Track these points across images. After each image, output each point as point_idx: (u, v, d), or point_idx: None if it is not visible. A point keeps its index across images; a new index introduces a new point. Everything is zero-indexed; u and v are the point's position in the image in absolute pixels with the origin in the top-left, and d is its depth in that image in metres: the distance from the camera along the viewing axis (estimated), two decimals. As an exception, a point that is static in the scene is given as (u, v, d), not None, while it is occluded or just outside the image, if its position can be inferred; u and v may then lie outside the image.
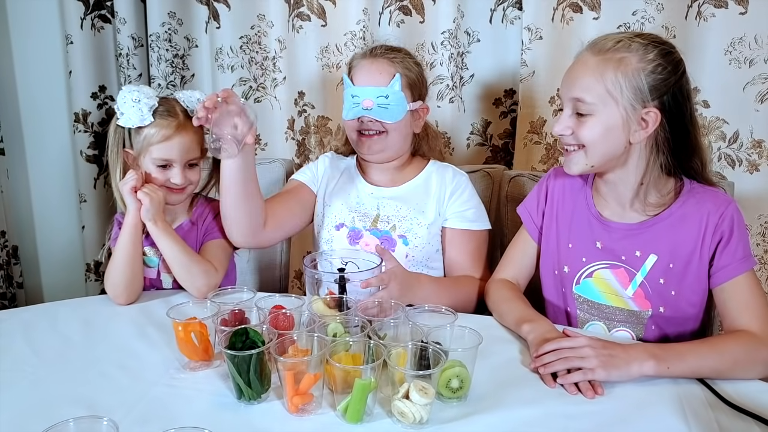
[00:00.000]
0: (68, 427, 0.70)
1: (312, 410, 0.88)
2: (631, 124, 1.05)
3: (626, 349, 0.98)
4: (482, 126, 1.88)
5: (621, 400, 0.92)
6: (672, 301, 1.12)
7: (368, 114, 1.34)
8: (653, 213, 1.12)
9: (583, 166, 1.11)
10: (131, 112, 1.25)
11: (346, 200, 1.44)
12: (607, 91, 1.04)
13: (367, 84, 1.35)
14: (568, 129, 1.09)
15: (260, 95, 2.03)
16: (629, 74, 1.03)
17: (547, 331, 1.06)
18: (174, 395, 0.92)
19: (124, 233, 1.27)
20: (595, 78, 1.05)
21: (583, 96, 1.06)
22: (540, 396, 0.94)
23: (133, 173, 1.27)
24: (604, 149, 1.08)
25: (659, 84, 1.03)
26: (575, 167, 1.13)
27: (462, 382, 0.90)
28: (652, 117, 1.04)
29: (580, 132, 1.08)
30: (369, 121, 1.35)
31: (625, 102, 1.04)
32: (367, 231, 1.39)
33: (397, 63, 1.37)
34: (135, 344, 1.09)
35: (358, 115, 1.35)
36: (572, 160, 1.12)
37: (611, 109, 1.05)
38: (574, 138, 1.10)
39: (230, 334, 0.91)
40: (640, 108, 1.04)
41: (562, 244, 1.23)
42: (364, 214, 1.41)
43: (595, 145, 1.08)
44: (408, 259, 1.37)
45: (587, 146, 1.09)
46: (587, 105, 1.06)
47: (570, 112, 1.10)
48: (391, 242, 1.38)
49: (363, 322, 0.99)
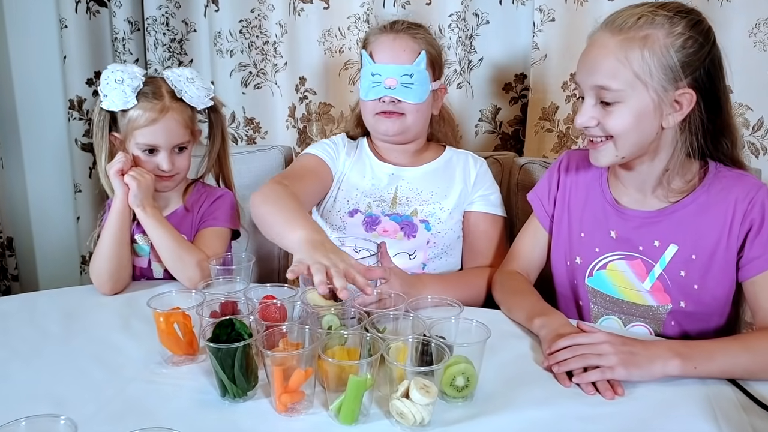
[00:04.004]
0: (19, 427, 0.62)
1: (302, 410, 0.81)
2: (663, 107, 0.96)
3: (648, 346, 0.89)
4: (491, 112, 1.80)
5: (643, 401, 0.84)
6: (694, 295, 1.03)
7: (391, 94, 1.26)
8: (675, 199, 1.04)
9: (613, 158, 1.02)
10: (114, 93, 1.18)
11: (361, 184, 1.35)
12: (634, 74, 0.94)
13: (391, 61, 1.27)
14: (593, 120, 1.00)
15: (260, 81, 1.96)
16: (657, 53, 0.93)
17: (561, 326, 0.98)
18: (152, 392, 0.85)
19: (110, 219, 1.20)
20: (620, 62, 0.95)
21: (608, 83, 0.96)
22: (553, 396, 0.85)
23: (121, 155, 1.20)
24: (635, 138, 0.99)
25: (691, 59, 0.94)
26: (604, 159, 1.03)
27: (468, 380, 0.82)
28: (686, 98, 0.95)
29: (607, 122, 0.99)
30: (391, 101, 1.27)
31: (656, 84, 0.94)
32: (385, 216, 1.31)
33: (420, 39, 1.29)
34: (116, 337, 1.02)
35: (380, 95, 1.27)
36: (600, 152, 1.02)
37: (641, 94, 0.95)
38: (601, 129, 1.00)
39: (214, 326, 0.84)
40: (672, 89, 0.95)
41: (574, 234, 1.15)
42: (380, 198, 1.33)
43: (625, 136, 0.98)
44: (429, 246, 1.30)
45: (617, 137, 0.99)
46: (613, 93, 0.96)
47: (593, 101, 1.00)
48: (413, 227, 1.30)
49: (360, 315, 0.91)
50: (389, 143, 1.36)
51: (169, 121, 1.22)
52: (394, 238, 1.29)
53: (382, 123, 1.30)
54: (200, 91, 1.25)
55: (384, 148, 1.39)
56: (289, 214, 1.06)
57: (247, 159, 1.64)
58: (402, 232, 1.29)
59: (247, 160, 1.64)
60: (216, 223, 1.31)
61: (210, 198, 1.34)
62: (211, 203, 1.33)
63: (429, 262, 1.31)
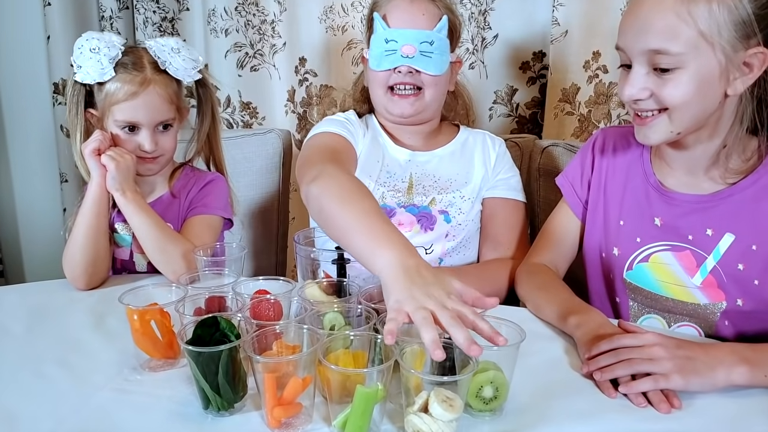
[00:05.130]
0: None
1: (299, 425, 0.67)
2: (730, 71, 0.82)
3: (708, 350, 0.76)
4: (507, 94, 1.66)
5: (704, 416, 0.71)
6: (754, 291, 0.90)
7: (409, 63, 1.12)
8: (732, 181, 0.90)
9: (667, 135, 0.88)
10: (89, 64, 1.05)
11: (373, 171, 1.20)
12: (699, 33, 0.80)
13: (408, 26, 1.13)
14: (645, 91, 0.86)
15: (257, 63, 1.82)
16: (728, 4, 0.79)
17: (600, 326, 0.85)
18: (122, 403, 0.72)
19: (85, 204, 1.07)
20: (681, 19, 0.81)
21: (667, 46, 0.82)
22: (596, 409, 0.72)
23: (98, 134, 1.07)
24: (695, 110, 0.85)
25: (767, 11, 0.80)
26: (655, 136, 0.89)
27: (497, 391, 0.69)
28: (758, 58, 0.81)
29: (663, 93, 0.84)
30: (408, 72, 1.13)
31: (725, 43, 0.80)
32: (401, 207, 1.17)
33: (440, 2, 1.15)
34: (87, 338, 0.89)
35: (397, 63, 1.13)
36: (652, 128, 0.88)
37: (706, 56, 0.81)
38: (655, 101, 0.86)
39: (195, 325, 0.71)
40: (742, 49, 0.81)
41: (611, 222, 1.01)
42: (394, 188, 1.19)
43: (685, 107, 0.85)
44: (448, 239, 1.17)
45: (673, 109, 0.85)
46: (673, 57, 0.82)
47: (645, 69, 0.86)
48: (431, 219, 1.17)
49: (368, 312, 0.78)
50: (403, 124, 1.23)
51: (152, 95, 1.08)
52: (410, 231, 1.16)
53: (397, 104, 1.17)
54: (186, 62, 1.12)
55: (395, 130, 1.25)
56: (372, 223, 0.82)
57: (242, 144, 1.51)
58: (419, 224, 1.16)
59: (242, 145, 1.51)
60: (206, 210, 1.18)
61: (199, 183, 1.21)
62: (200, 189, 1.20)
63: (446, 257, 1.17)
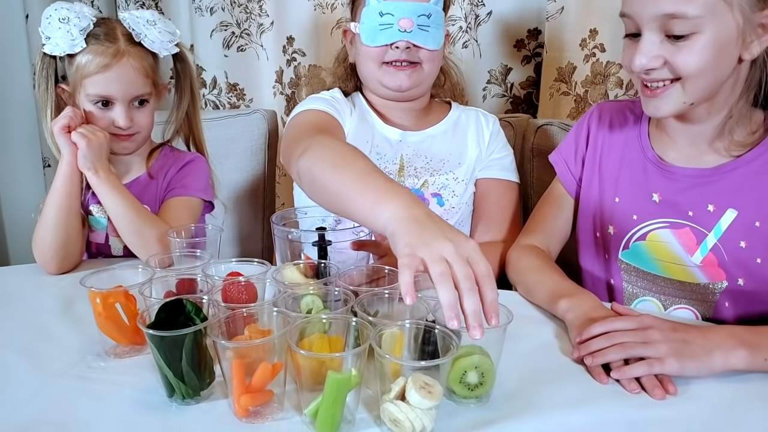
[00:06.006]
0: None
1: (269, 414, 0.63)
2: (746, 35, 0.77)
3: (705, 333, 0.72)
4: (501, 73, 1.61)
5: (702, 402, 0.67)
6: (757, 270, 0.85)
7: (407, 38, 1.06)
8: (737, 153, 0.85)
9: (680, 106, 0.83)
10: (58, 35, 1.00)
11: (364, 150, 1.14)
12: None
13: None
14: (659, 59, 0.80)
15: (244, 43, 1.77)
16: None
17: (593, 309, 0.80)
18: (82, 391, 0.68)
19: (55, 185, 1.02)
20: None
21: (683, 9, 0.76)
22: (588, 396, 0.68)
23: (69, 110, 1.02)
24: (710, 77, 0.80)
25: None
26: (666, 108, 0.83)
27: (483, 377, 0.64)
28: None
29: (678, 61, 0.79)
30: (407, 47, 1.08)
31: (744, 3, 0.75)
32: None
33: None
34: (53, 324, 0.84)
35: (394, 39, 1.07)
36: (663, 99, 0.83)
37: (723, 19, 0.76)
38: (669, 70, 0.81)
39: (158, 308, 0.66)
40: (758, 9, 0.76)
41: (606, 199, 0.97)
42: (384, 169, 1.13)
43: (701, 75, 0.79)
44: None
45: (688, 78, 0.80)
46: (689, 21, 0.76)
47: (657, 37, 0.80)
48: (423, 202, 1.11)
49: (346, 295, 0.73)
50: (395, 100, 1.17)
51: (125, 67, 1.03)
52: None
53: (393, 76, 1.10)
54: (163, 35, 1.06)
55: (385, 108, 1.19)
56: (370, 181, 0.75)
57: (226, 125, 1.46)
58: None
59: (226, 125, 1.45)
60: (185, 192, 1.13)
61: (178, 163, 1.16)
62: (179, 169, 1.15)
63: None
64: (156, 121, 1.15)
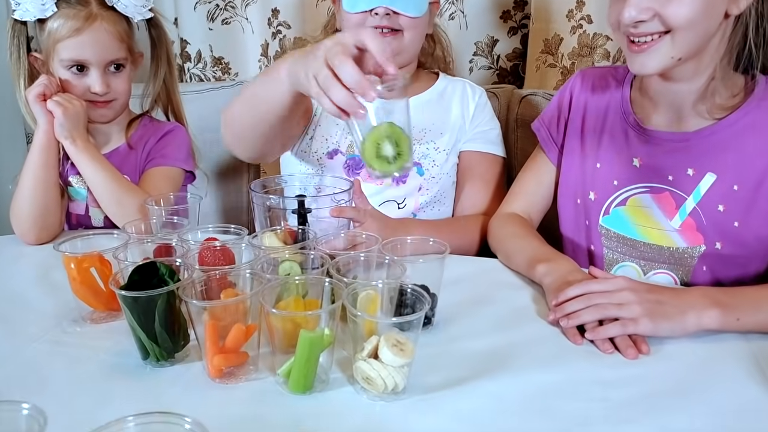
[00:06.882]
0: None
1: (242, 375, 0.63)
2: None
3: (679, 294, 0.72)
4: (488, 45, 1.59)
5: (674, 361, 0.67)
6: (734, 234, 0.85)
7: (387, 4, 1.04)
8: (717, 116, 0.85)
9: (668, 61, 0.81)
10: (28, 0, 0.97)
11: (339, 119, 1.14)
12: None
13: None
14: (649, 11, 0.78)
15: (228, 16, 1.74)
16: None
17: (570, 272, 0.81)
18: (56, 355, 0.68)
19: (31, 155, 1.01)
20: None
21: None
22: (563, 356, 0.68)
23: (43, 78, 1.00)
24: (700, 30, 0.79)
25: None
26: (653, 63, 0.81)
27: (398, 146, 0.67)
28: None
29: (668, 11, 0.77)
30: (386, 14, 1.05)
31: None
32: None
33: None
34: (29, 292, 0.84)
35: (373, 5, 1.04)
36: (651, 54, 0.81)
37: None
38: (660, 22, 0.79)
39: (132, 271, 0.66)
40: None
41: (587, 165, 0.96)
42: None
43: (691, 27, 0.78)
44: (421, 193, 1.11)
45: (677, 30, 0.78)
46: None
47: None
48: None
49: (323, 259, 0.73)
50: None
51: (99, 31, 1.02)
52: (380, 184, 1.10)
53: None
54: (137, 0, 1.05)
55: None
56: (264, 76, 0.90)
57: (209, 97, 1.44)
58: None
59: (209, 98, 1.44)
60: (165, 161, 1.12)
61: (158, 133, 1.15)
62: (158, 139, 1.14)
63: (420, 212, 1.12)
64: (133, 94, 1.13)
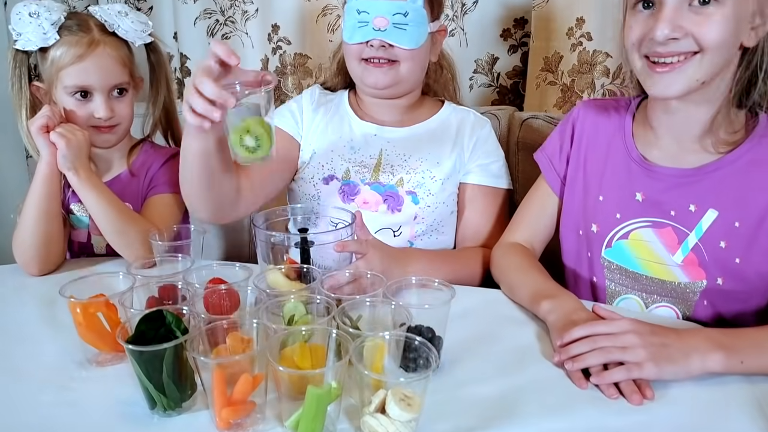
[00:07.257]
0: None
1: (250, 426, 0.63)
2: (756, 16, 0.77)
3: (683, 336, 0.73)
4: (488, 63, 1.59)
5: (678, 406, 0.68)
6: (735, 270, 0.86)
7: (381, 36, 1.05)
8: (721, 151, 0.85)
9: (692, 83, 0.79)
10: (29, 29, 0.98)
11: (338, 145, 1.15)
12: None
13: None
14: (682, 30, 0.77)
15: (228, 31, 1.74)
16: None
17: (574, 311, 0.81)
18: (64, 404, 0.67)
19: (34, 185, 1.01)
20: None
21: None
22: (570, 403, 0.69)
23: (46, 109, 1.00)
24: (725, 54, 0.78)
25: None
26: (679, 85, 0.80)
27: (258, 140, 0.79)
28: None
29: (701, 31, 0.76)
30: (381, 46, 1.07)
31: None
32: (366, 185, 1.12)
33: None
34: (33, 329, 0.84)
35: (368, 37, 1.06)
36: (678, 74, 0.79)
37: None
38: (693, 41, 0.78)
39: (138, 320, 0.66)
40: None
41: (590, 197, 0.97)
42: (361, 164, 1.13)
43: (720, 48, 0.77)
44: (417, 222, 1.11)
45: (707, 51, 0.77)
46: None
47: (677, 3, 0.77)
48: (397, 199, 1.11)
49: (328, 304, 0.73)
50: (377, 97, 1.16)
51: (101, 56, 1.02)
52: (375, 211, 1.10)
53: (370, 74, 1.10)
54: (135, 24, 1.05)
55: (369, 103, 1.19)
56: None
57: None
58: (385, 204, 1.11)
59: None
60: (167, 189, 1.12)
61: (160, 159, 1.14)
62: (161, 165, 1.13)
63: (416, 240, 1.12)
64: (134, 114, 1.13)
